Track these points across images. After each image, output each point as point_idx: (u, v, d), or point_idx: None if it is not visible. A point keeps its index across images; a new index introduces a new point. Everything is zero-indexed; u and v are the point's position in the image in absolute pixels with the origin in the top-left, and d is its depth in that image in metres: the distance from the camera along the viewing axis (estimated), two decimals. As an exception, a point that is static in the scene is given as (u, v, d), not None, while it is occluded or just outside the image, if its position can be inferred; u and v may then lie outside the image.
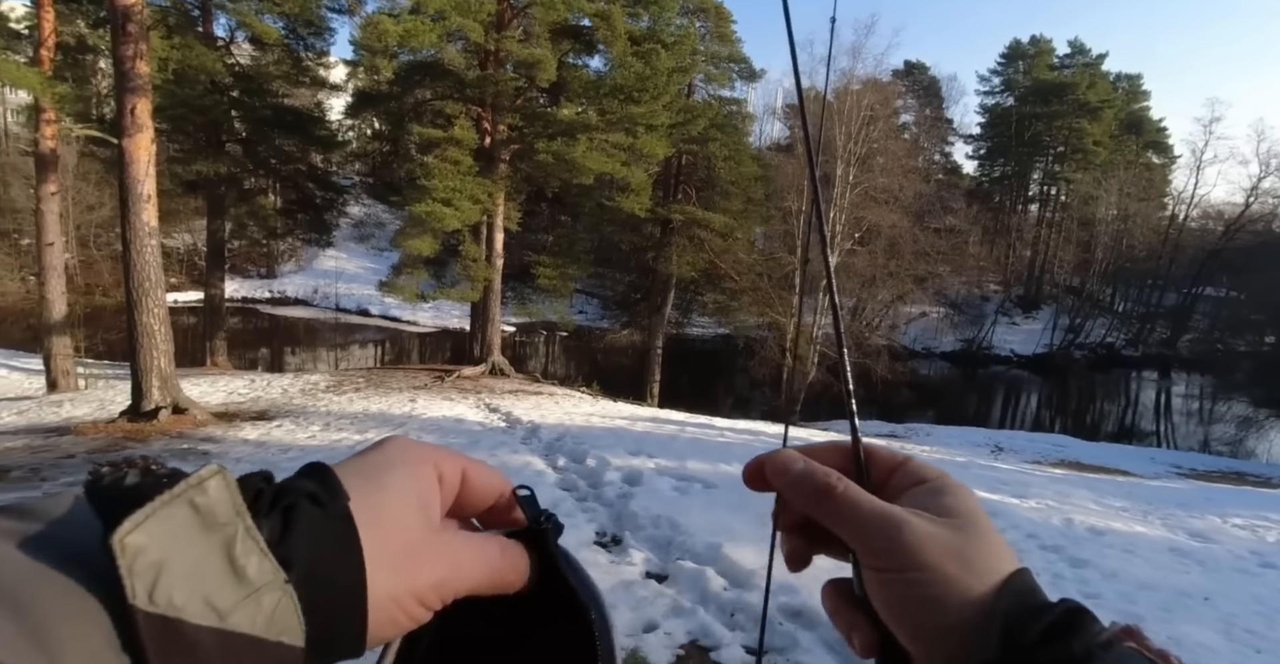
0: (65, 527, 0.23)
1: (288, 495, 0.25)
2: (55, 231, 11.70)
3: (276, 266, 35.18)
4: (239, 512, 0.23)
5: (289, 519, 0.25)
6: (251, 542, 0.23)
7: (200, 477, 0.23)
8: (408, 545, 0.29)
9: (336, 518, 0.26)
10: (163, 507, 0.22)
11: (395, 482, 0.30)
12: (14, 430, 8.12)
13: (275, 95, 17.03)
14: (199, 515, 0.22)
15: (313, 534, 0.25)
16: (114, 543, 0.20)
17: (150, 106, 8.43)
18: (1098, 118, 36.38)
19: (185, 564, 0.22)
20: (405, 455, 0.32)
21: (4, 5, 11.97)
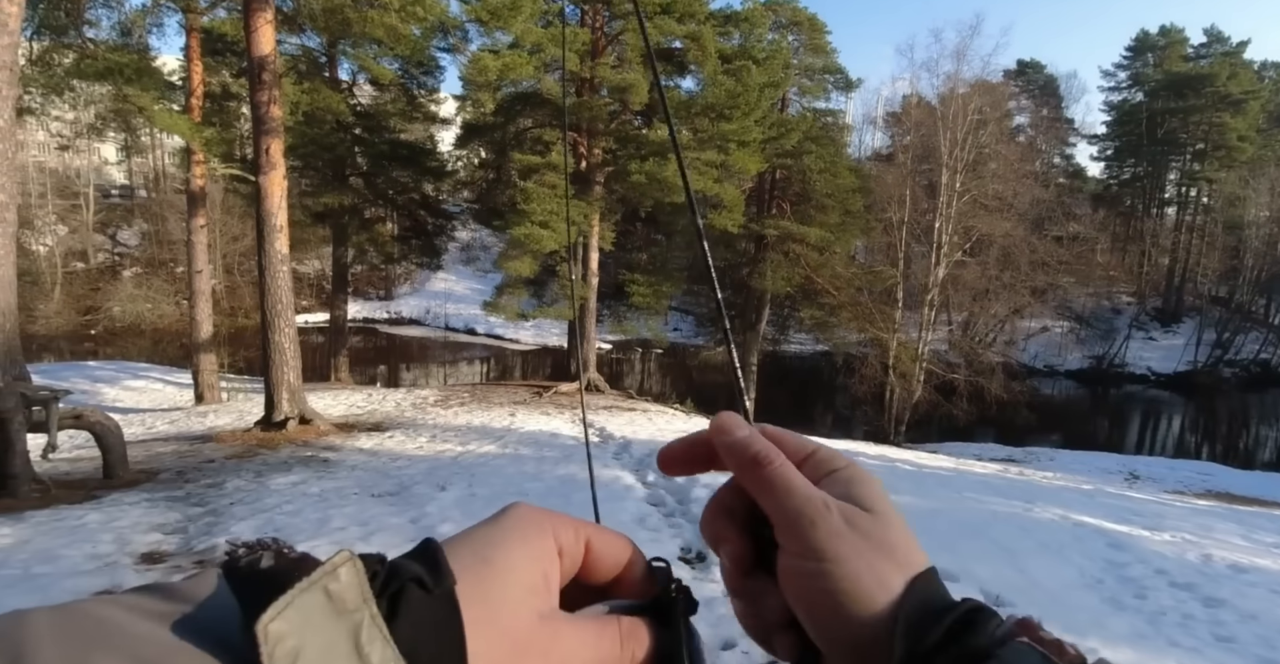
0: (208, 609, 0.23)
1: (396, 579, 0.25)
2: (203, 260, 13.09)
3: (394, 289, 37.64)
4: (365, 599, 0.24)
5: (395, 605, 0.25)
6: (376, 629, 0.24)
7: (334, 563, 0.24)
8: (514, 638, 0.27)
9: (442, 606, 0.26)
10: (300, 594, 0.22)
11: (508, 560, 0.29)
12: (166, 438, 9.11)
13: (392, 131, 18.39)
14: (331, 602, 0.23)
15: (415, 624, 0.25)
16: (258, 631, 0.21)
17: (283, 146, 9.31)
18: (1242, 111, 32.92)
19: (317, 651, 0.22)
20: (523, 527, 0.30)
21: (159, 61, 13.58)
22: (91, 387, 14.72)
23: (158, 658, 0.21)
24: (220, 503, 5.51)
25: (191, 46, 12.78)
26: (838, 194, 19.91)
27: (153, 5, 12.41)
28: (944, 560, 4.25)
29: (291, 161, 15.40)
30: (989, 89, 22.48)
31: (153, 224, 32.28)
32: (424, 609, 0.25)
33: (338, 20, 10.82)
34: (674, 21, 14.11)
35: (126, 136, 31.60)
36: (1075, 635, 3.29)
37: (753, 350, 21.04)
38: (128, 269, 31.85)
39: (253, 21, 8.79)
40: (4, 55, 5.11)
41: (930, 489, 6.87)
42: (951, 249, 20.08)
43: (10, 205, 5.32)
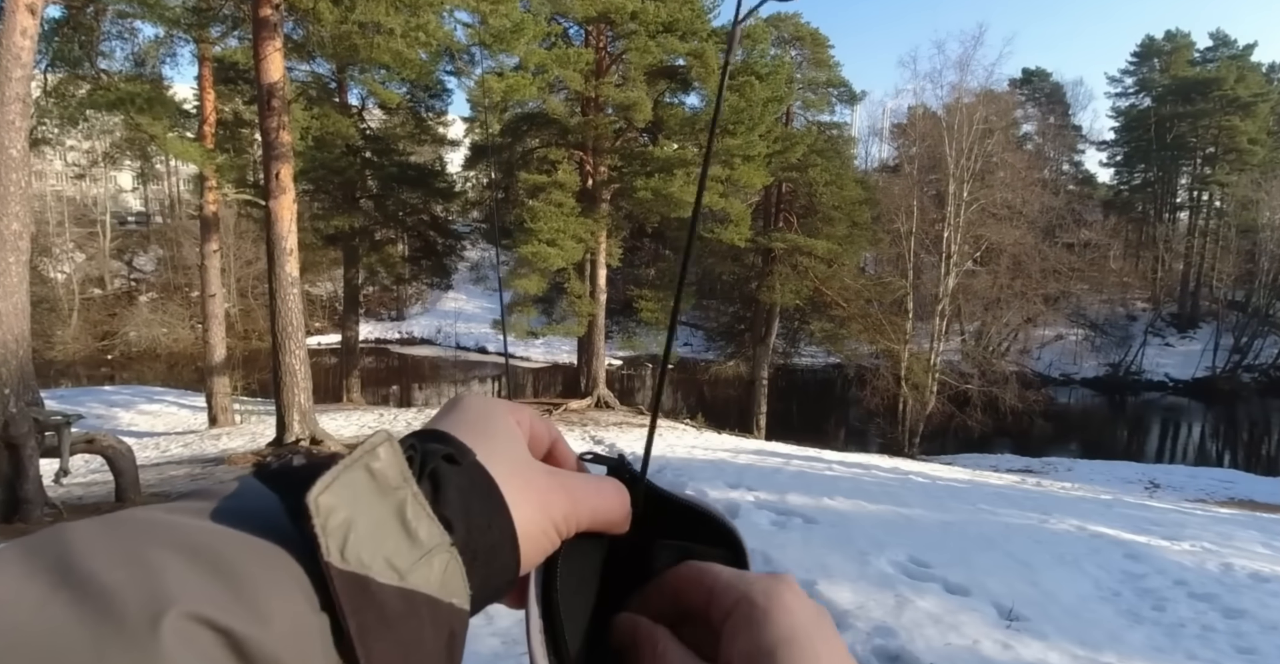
0: (246, 500, 0.24)
1: (431, 457, 0.26)
2: (216, 284, 13.26)
3: (405, 309, 37.91)
4: (406, 478, 0.25)
5: (436, 482, 0.26)
6: (419, 506, 0.24)
7: (372, 443, 0.24)
8: (534, 483, 0.30)
9: (473, 470, 0.27)
10: (346, 470, 0.23)
11: (499, 430, 0.31)
12: (179, 460, 9.17)
13: (401, 153, 18.64)
14: (375, 480, 0.23)
15: (461, 492, 0.26)
16: (309, 502, 0.21)
17: (292, 171, 9.46)
18: (1251, 113, 32.69)
19: (368, 525, 0.23)
20: (492, 407, 0.33)
21: (173, 90, 13.88)
22: (108, 411, 14.88)
23: (208, 544, 0.21)
24: (229, 525, 5.52)
25: (204, 75, 13.06)
26: (845, 206, 19.91)
27: (165, 36, 12.70)
28: (957, 574, 4.18)
29: (303, 185, 15.65)
30: (994, 98, 22.52)
31: (168, 249, 32.79)
32: (462, 479, 0.27)
33: (345, 46, 11.00)
34: (677, 40, 14.27)
35: (142, 164, 32.23)
36: (1091, 650, 3.22)
37: (763, 364, 20.95)
38: (144, 294, 32.30)
39: (262, 50, 8.98)
40: (18, 87, 5.24)
41: (943, 502, 6.77)
42: (961, 258, 19.99)
43: (24, 234, 5.42)
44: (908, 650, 3.12)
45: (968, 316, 24.26)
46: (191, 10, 11.03)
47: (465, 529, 0.26)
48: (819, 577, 4.00)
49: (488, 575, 0.27)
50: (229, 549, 0.21)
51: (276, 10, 9.04)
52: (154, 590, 0.18)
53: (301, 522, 0.21)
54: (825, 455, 10.69)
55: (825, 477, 7.95)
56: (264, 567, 0.21)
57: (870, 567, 4.27)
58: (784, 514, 5.65)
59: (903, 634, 3.27)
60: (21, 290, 5.44)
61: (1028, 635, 3.33)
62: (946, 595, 3.87)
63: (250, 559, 0.21)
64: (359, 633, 0.21)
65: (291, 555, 0.22)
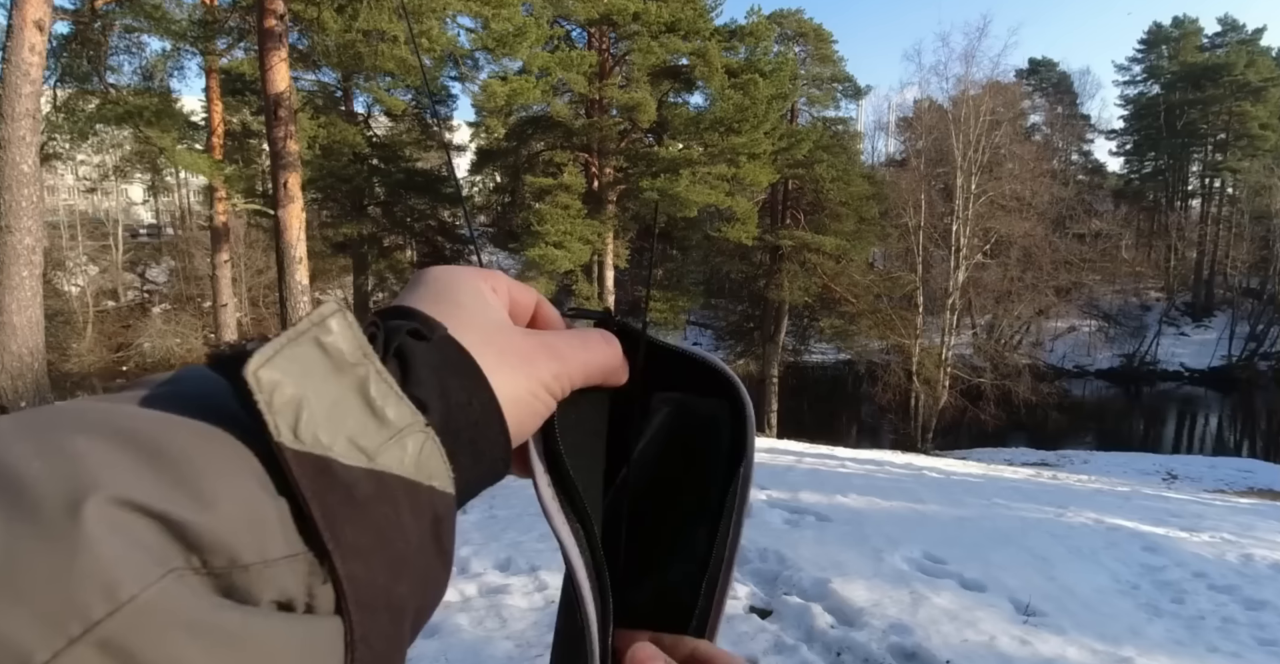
0: (186, 384, 0.22)
1: (394, 336, 0.24)
2: (228, 294, 13.38)
3: (414, 315, 38.05)
4: (365, 353, 0.22)
5: (403, 359, 0.23)
6: (385, 385, 0.22)
7: (321, 314, 0.22)
8: (513, 348, 0.28)
9: (444, 345, 0.25)
10: (289, 344, 0.20)
11: (468, 299, 0.29)
12: (196, 470, 9.24)
13: (408, 160, 18.73)
14: (327, 355, 0.21)
15: (433, 370, 0.24)
16: (247, 375, 0.19)
17: (300, 180, 9.53)
18: (1262, 98, 32.29)
19: (324, 403, 0.20)
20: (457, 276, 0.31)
21: (181, 102, 14.02)
22: (124, 422, 15.02)
23: (141, 428, 0.18)
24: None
25: (211, 87, 13.19)
26: (852, 202, 19.84)
27: (172, 49, 12.83)
28: (973, 570, 4.16)
29: (311, 194, 15.75)
30: (1001, 90, 22.34)
31: (180, 261, 33.09)
32: (433, 355, 0.24)
33: (350, 55, 11.09)
34: (679, 39, 14.27)
35: (152, 177, 32.54)
36: (1110, 644, 3.19)
37: (773, 362, 20.89)
38: (157, 306, 32.62)
39: (268, 60, 9.05)
40: (27, 103, 5.31)
41: (958, 497, 6.73)
42: (971, 251, 19.85)
43: (37, 248, 5.49)
44: (924, 648, 3.10)
45: (979, 310, 24.10)
46: (198, 23, 11.15)
47: (442, 408, 0.23)
48: (833, 574, 3.98)
49: (476, 454, 0.25)
50: (164, 432, 0.19)
51: (281, 21, 9.11)
52: (74, 476, 0.16)
53: (244, 399, 0.19)
54: (838, 452, 10.65)
55: (838, 474, 7.91)
56: (205, 449, 0.19)
57: (885, 564, 4.24)
58: (797, 512, 5.63)
59: (919, 631, 3.25)
60: (35, 304, 5.51)
61: (1045, 630, 3.31)
62: (962, 591, 3.85)
63: (189, 442, 0.19)
64: (323, 516, 0.19)
65: (238, 437, 0.19)
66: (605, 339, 0.33)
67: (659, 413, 0.35)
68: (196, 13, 11.47)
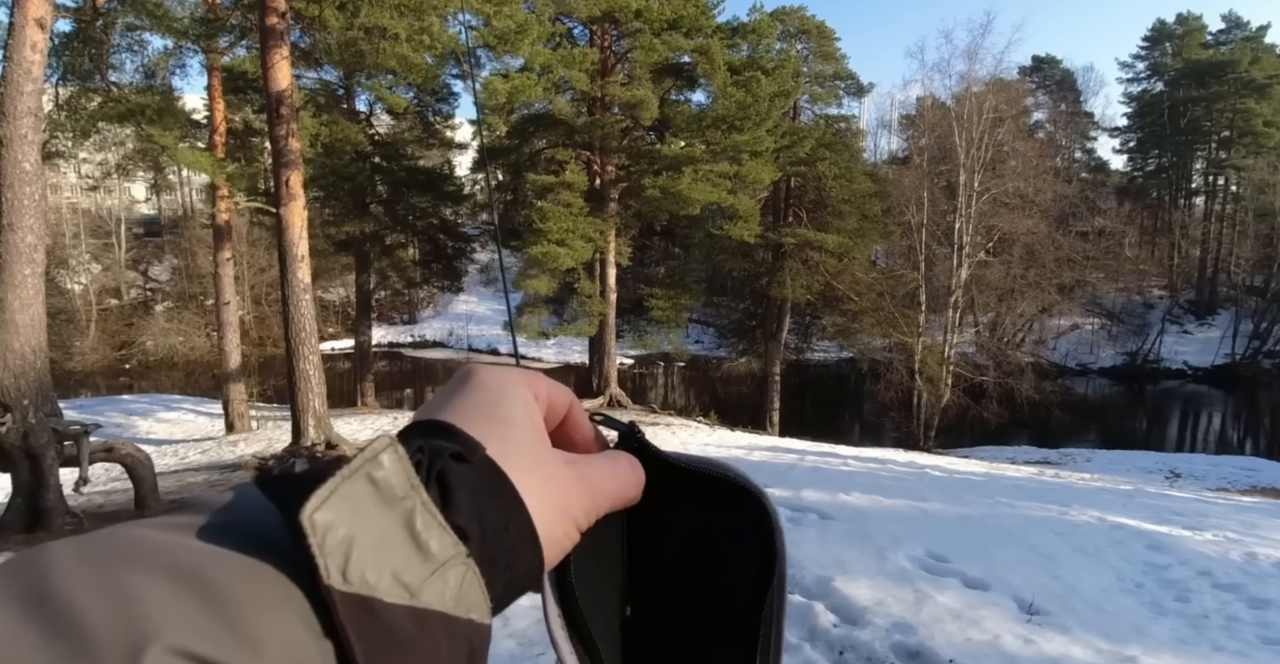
0: (240, 513, 0.22)
1: (438, 458, 0.24)
2: (230, 292, 13.37)
3: (417, 313, 38.09)
4: (414, 485, 0.22)
5: (445, 485, 0.24)
6: (430, 516, 0.22)
7: (374, 450, 0.22)
8: (554, 478, 0.28)
9: (484, 469, 0.25)
10: (344, 482, 0.21)
11: (513, 414, 0.29)
12: (197, 467, 9.26)
13: (410, 158, 18.72)
14: (378, 490, 0.22)
15: (474, 496, 0.24)
16: (303, 520, 0.19)
17: (302, 178, 9.52)
18: (1266, 96, 32.14)
19: (372, 540, 0.21)
20: (503, 384, 0.30)
21: (183, 100, 14.02)
22: (126, 420, 15.05)
23: (195, 565, 0.19)
24: (248, 530, 5.56)
25: (213, 85, 13.17)
26: (854, 199, 19.79)
27: (174, 47, 12.81)
28: (976, 568, 4.14)
29: (313, 192, 15.74)
30: (1004, 87, 22.25)
31: (182, 259, 33.14)
32: (472, 478, 0.25)
33: (352, 53, 11.07)
34: (682, 37, 14.24)
35: (154, 175, 32.55)
36: (1115, 643, 3.17)
37: (776, 360, 20.87)
38: (159, 304, 32.68)
39: (269, 58, 9.04)
40: (29, 101, 5.31)
41: (960, 495, 6.72)
42: (974, 249, 19.79)
43: (39, 246, 5.49)
44: (927, 646, 3.09)
45: (981, 308, 24.05)
46: (200, 21, 11.13)
47: (480, 535, 0.24)
48: (836, 573, 3.97)
49: (509, 581, 0.25)
50: (218, 571, 0.19)
51: (283, 19, 9.09)
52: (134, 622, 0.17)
53: (298, 541, 0.19)
54: (840, 451, 10.63)
55: (840, 472, 7.91)
56: (256, 590, 0.19)
57: (888, 562, 4.23)
58: (800, 511, 5.62)
59: (922, 630, 3.24)
60: (38, 302, 5.51)
61: (1050, 629, 3.30)
62: (966, 590, 3.84)
63: (241, 582, 0.19)
64: (366, 659, 0.20)
65: (288, 576, 0.20)
66: (633, 468, 0.33)
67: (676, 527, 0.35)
68: (198, 11, 11.45)
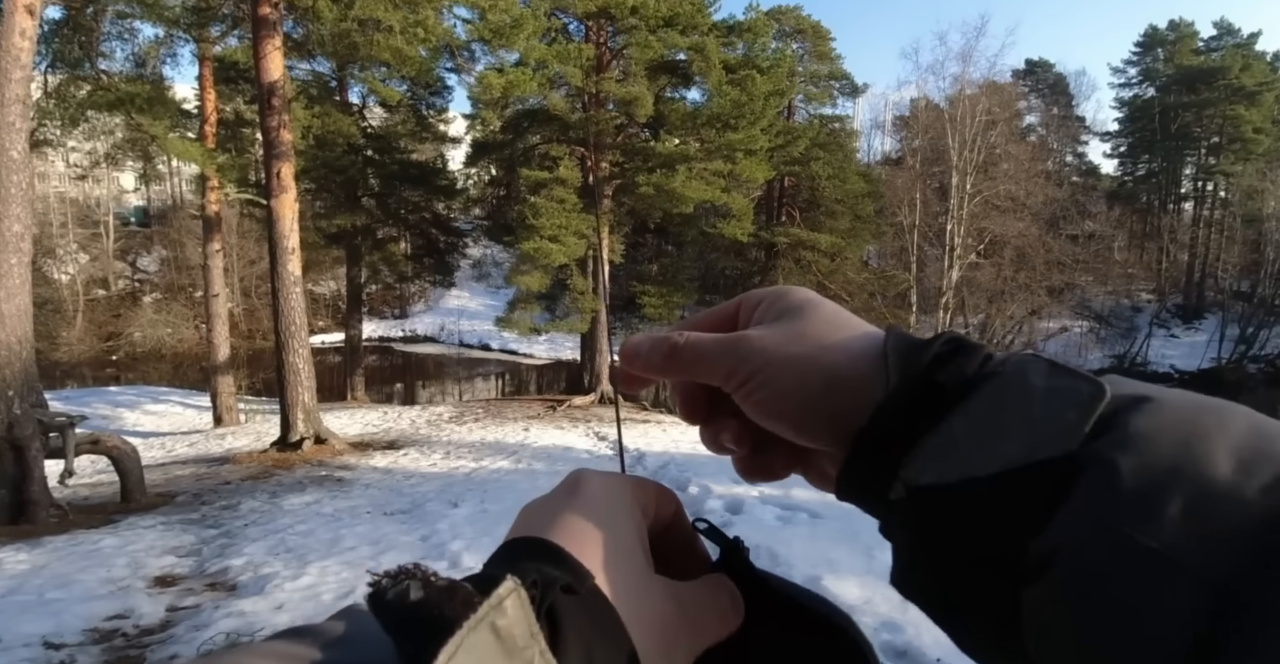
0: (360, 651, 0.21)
1: (549, 593, 0.23)
2: (220, 284, 13.27)
3: (408, 307, 37.95)
4: (534, 634, 0.21)
5: (555, 622, 0.22)
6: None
7: (499, 596, 0.21)
8: (660, 618, 0.26)
9: (595, 605, 0.24)
10: (469, 634, 0.20)
11: (623, 539, 0.27)
12: (184, 460, 9.19)
13: (403, 151, 18.62)
14: (501, 641, 0.20)
15: (581, 635, 0.23)
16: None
17: (293, 170, 9.45)
18: (1256, 103, 32.46)
19: None
20: (612, 498, 0.29)
21: (174, 90, 13.88)
22: (113, 411, 14.92)
23: None
24: (234, 525, 5.53)
25: (204, 75, 13.05)
26: (847, 199, 19.86)
27: (165, 36, 12.68)
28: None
29: (304, 184, 15.62)
30: (997, 90, 22.38)
31: (171, 250, 32.85)
32: (582, 615, 0.23)
33: (345, 44, 10.99)
34: (678, 34, 14.20)
35: (144, 165, 32.26)
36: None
37: (767, 359, 20.91)
38: (148, 295, 32.40)
39: (261, 48, 8.96)
40: (17, 89, 5.24)
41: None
42: (965, 251, 19.91)
43: (26, 235, 5.42)
44: (914, 646, 3.10)
45: (972, 309, 24.19)
46: (191, 10, 11.02)
47: None
48: (825, 571, 3.98)
49: None
50: None
51: (276, 8, 9.02)
52: None
53: None
54: (830, 450, 10.66)
55: (830, 471, 7.93)
56: None
57: (877, 561, 4.25)
58: (789, 509, 5.63)
59: (910, 629, 3.25)
60: (24, 292, 5.44)
61: (1036, 629, 3.31)
62: (953, 590, 3.85)
63: None
64: None
65: None
66: (734, 604, 0.31)
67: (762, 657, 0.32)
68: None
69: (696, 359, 0.32)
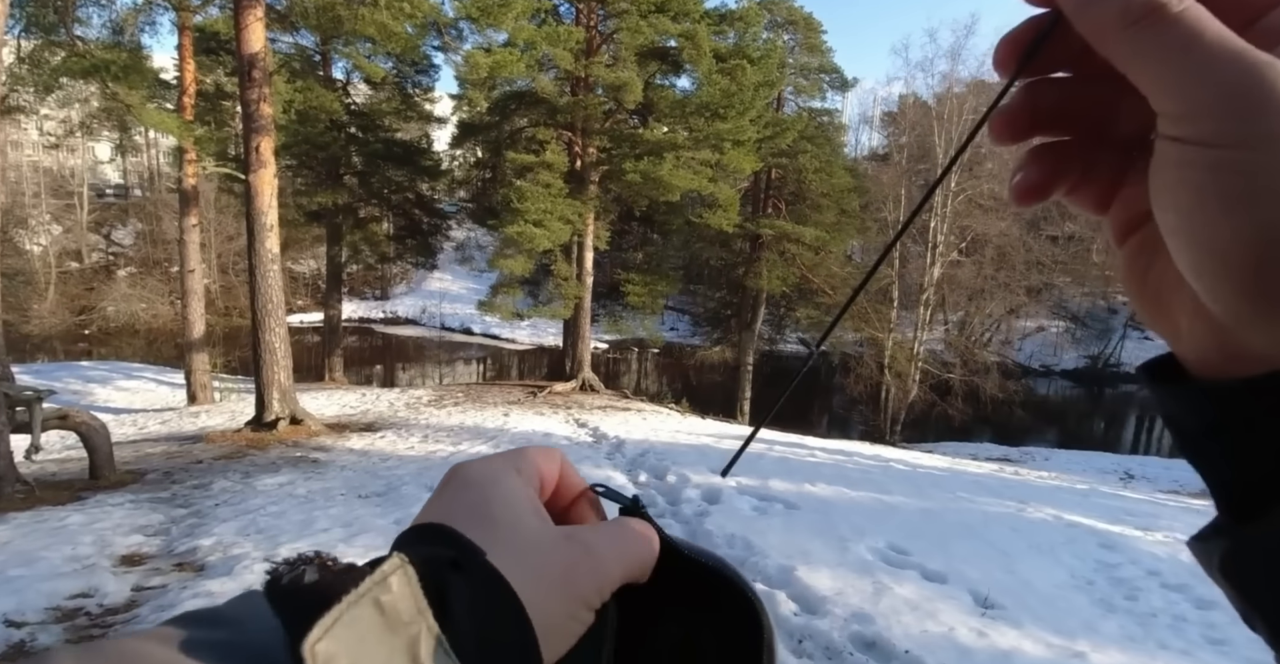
0: (252, 634, 0.21)
1: (437, 570, 0.23)
2: (196, 259, 13.02)
3: (390, 288, 37.53)
4: (420, 609, 0.21)
5: (444, 599, 0.22)
6: (434, 641, 0.21)
7: (384, 572, 0.21)
8: (552, 561, 0.27)
9: (483, 577, 0.24)
10: (350, 608, 0.20)
11: (503, 509, 0.27)
12: (156, 438, 9.05)
13: (387, 130, 18.31)
14: (384, 616, 0.20)
15: (472, 610, 0.23)
16: (305, 652, 0.18)
17: (273, 144, 9.25)
18: (1241, 109, 33.00)
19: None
20: (491, 476, 0.29)
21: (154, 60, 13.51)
22: (84, 387, 14.64)
23: None
24: (205, 504, 5.45)
25: (184, 45, 12.72)
26: (833, 193, 19.89)
27: (144, 3, 12.32)
28: (935, 561, 4.22)
29: (285, 160, 15.33)
30: (985, 88, 22.42)
31: (147, 223, 32.15)
32: (470, 589, 0.23)
33: (329, 18, 10.75)
34: (669, 20, 14.07)
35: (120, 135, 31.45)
36: (1065, 638, 3.25)
37: (749, 350, 21.00)
38: (122, 269, 31.73)
39: (243, 19, 8.73)
40: (-15, 52, 5.06)
41: (924, 489, 6.83)
42: (947, 249, 20.06)
43: (-7, 203, 5.26)
44: (884, 637, 3.13)
45: (952, 306, 24.42)
46: (170, -24, 10.71)
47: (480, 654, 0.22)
48: (799, 563, 4.01)
49: None
50: None
51: (258, -22, 8.78)
52: None
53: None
54: (808, 442, 10.74)
55: (808, 463, 7.99)
56: None
57: (850, 553, 4.29)
58: (766, 500, 5.66)
59: (880, 621, 3.29)
60: (-10, 262, 5.29)
61: (1003, 623, 3.37)
62: (924, 583, 3.90)
63: None
64: None
65: None
66: (644, 531, 0.31)
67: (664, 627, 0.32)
68: (170, -35, 11.02)
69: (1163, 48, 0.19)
